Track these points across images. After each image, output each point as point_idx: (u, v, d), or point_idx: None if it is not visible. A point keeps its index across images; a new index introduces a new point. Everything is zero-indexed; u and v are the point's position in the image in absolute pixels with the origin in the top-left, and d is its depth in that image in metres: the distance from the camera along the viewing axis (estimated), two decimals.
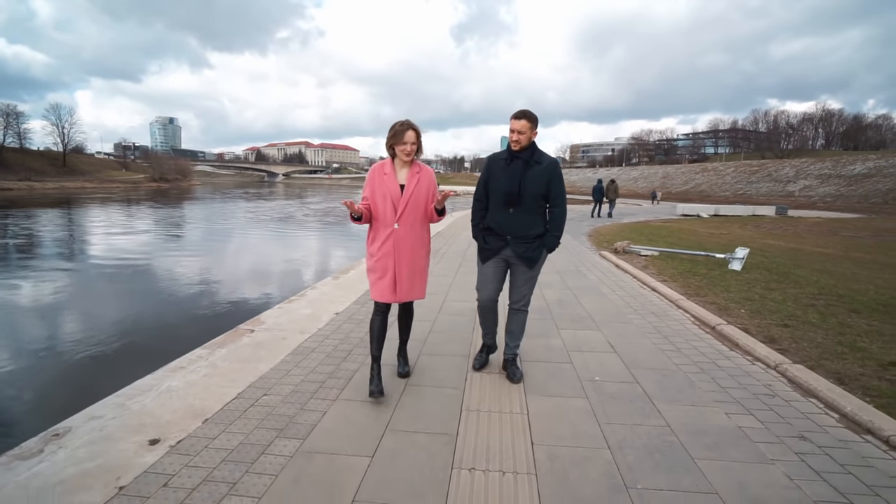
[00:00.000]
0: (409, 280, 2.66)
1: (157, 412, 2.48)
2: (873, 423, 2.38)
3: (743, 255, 6.79)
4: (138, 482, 1.90)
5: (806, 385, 2.87)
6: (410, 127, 2.54)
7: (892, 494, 1.88)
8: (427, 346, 3.51)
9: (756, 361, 3.34)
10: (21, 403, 4.18)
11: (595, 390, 2.82)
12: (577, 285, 5.75)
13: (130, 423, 2.37)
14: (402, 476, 1.98)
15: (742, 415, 2.54)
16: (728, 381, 2.99)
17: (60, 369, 4.76)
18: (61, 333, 5.89)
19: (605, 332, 3.93)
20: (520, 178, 2.65)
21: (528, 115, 2.64)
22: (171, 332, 5.87)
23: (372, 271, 2.67)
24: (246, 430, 2.31)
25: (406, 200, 2.58)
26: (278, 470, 2.00)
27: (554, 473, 2.00)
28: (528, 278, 2.83)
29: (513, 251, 2.76)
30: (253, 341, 3.61)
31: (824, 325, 3.99)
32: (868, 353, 3.32)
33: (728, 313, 4.45)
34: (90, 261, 11.05)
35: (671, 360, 3.34)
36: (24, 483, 1.89)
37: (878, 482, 1.97)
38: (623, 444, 2.24)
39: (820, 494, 1.88)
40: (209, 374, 3.00)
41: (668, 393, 2.80)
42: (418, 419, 2.45)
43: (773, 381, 3.01)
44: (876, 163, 44.31)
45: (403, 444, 2.22)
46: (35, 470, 1.97)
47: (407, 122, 2.56)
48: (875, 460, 2.13)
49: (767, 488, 1.92)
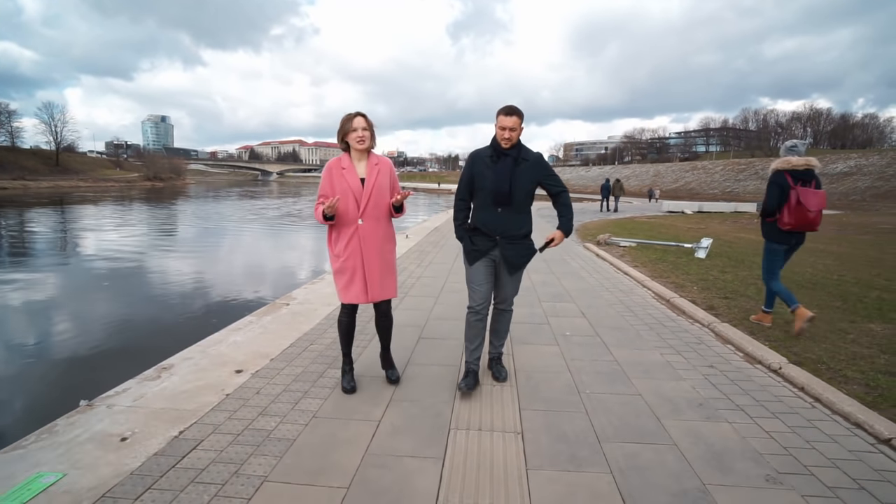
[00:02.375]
0: (380, 278, 2.58)
1: (232, 355, 3.29)
2: (765, 358, 3.24)
3: (707, 245, 7.69)
4: (238, 392, 2.71)
5: (725, 336, 3.74)
6: (359, 114, 2.51)
7: (756, 394, 2.74)
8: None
9: (695, 322, 4.21)
10: (106, 358, 4.93)
11: (565, 341, 3.67)
12: (560, 270, 6.60)
13: (215, 361, 3.18)
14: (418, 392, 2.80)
15: (672, 354, 3.40)
16: (669, 335, 3.85)
17: (135, 335, 5.56)
18: (133, 311, 6.64)
19: (578, 304, 4.78)
20: (510, 177, 2.52)
21: (518, 112, 2.53)
22: (219, 306, 6.66)
23: (340, 273, 2.57)
24: (303, 364, 3.12)
25: (368, 194, 2.50)
26: (334, 385, 2.81)
27: (529, 386, 2.84)
28: (514, 278, 2.75)
29: (501, 254, 2.63)
30: (290, 311, 4.42)
31: (756, 297, 4.86)
32: (780, 314, 4.20)
33: (683, 290, 5.32)
34: (124, 256, 11.74)
35: (628, 321, 4.20)
36: (158, 393, 2.69)
37: (752, 389, 2.82)
38: (581, 370, 3.08)
39: (707, 395, 2.74)
40: (262, 332, 3.80)
41: (620, 342, 3.65)
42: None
43: (703, 335, 3.87)
44: (857, 161, 45.75)
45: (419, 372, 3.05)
46: (162, 386, 2.78)
47: (357, 111, 2.54)
48: (758, 378, 2.99)
49: (675, 392, 2.77)
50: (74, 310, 6.91)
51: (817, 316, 3.92)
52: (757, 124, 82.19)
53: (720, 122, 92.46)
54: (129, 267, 9.93)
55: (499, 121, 2.54)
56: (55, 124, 66.01)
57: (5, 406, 4.08)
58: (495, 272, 2.72)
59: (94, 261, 10.69)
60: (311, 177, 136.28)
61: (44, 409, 3.34)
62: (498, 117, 2.55)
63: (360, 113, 2.53)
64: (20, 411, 4.02)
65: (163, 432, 2.26)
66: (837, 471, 2.02)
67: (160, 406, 2.53)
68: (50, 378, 4.54)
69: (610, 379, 2.96)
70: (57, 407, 2.67)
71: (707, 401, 2.67)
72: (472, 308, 2.74)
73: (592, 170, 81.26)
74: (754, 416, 2.50)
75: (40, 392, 4.28)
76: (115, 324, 6.11)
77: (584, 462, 2.07)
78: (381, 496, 1.83)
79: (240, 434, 2.25)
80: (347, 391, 2.69)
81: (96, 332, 5.77)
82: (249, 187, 69.73)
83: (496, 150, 2.59)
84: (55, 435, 2.24)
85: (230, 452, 2.10)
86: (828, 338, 3.62)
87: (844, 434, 2.32)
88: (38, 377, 4.57)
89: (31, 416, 3.52)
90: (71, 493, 1.81)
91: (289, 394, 2.69)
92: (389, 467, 2.01)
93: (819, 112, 78.87)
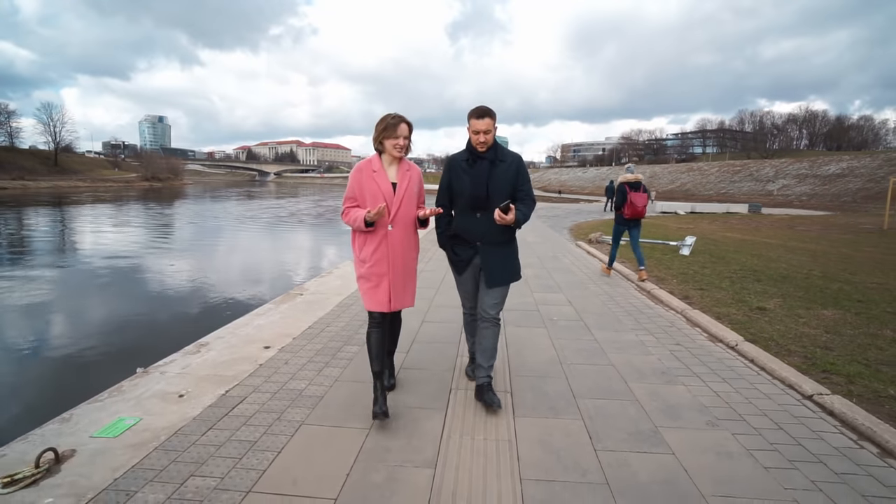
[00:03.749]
0: (403, 287, 2.49)
1: (258, 335, 3.74)
2: (725, 337, 3.72)
3: (691, 243, 8.19)
4: (268, 362, 3.16)
5: (694, 320, 4.22)
6: (403, 120, 2.38)
7: (712, 365, 3.21)
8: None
9: (670, 310, 4.69)
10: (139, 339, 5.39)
11: (552, 325, 4.13)
12: (552, 266, 7.08)
13: (245, 339, 3.63)
14: (427, 356, 3.26)
15: (645, 335, 3.87)
16: (645, 320, 4.32)
17: (165, 320, 6.03)
18: (161, 302, 7.07)
19: (566, 294, 5.25)
20: (486, 180, 2.44)
21: (491, 113, 2.43)
22: (241, 295, 7.10)
23: (365, 279, 2.45)
24: (322, 342, 3.58)
25: (400, 200, 2.40)
26: (351, 357, 3.27)
27: (519, 359, 3.30)
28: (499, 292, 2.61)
29: (482, 261, 2.54)
30: (304, 300, 4.87)
31: (730, 289, 5.35)
32: (747, 303, 4.69)
33: (663, 283, 5.80)
34: (146, 252, 12.15)
35: (610, 309, 4.67)
36: (201, 363, 3.14)
37: (709, 361, 3.29)
38: (564, 347, 3.55)
39: (670, 366, 3.21)
40: (283, 317, 4.26)
41: (601, 325, 4.12)
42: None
43: (676, 320, 4.34)
44: (849, 163, 46.43)
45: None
46: (203, 358, 3.23)
47: (399, 115, 2.40)
48: (717, 353, 3.46)
49: (643, 363, 3.24)
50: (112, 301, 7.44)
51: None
52: (753, 126, 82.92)
53: (717, 124, 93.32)
54: (156, 264, 10.37)
55: (471, 124, 2.44)
56: (53, 124, 66.22)
57: (72, 369, 4.88)
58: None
59: (118, 259, 11.11)
60: (308, 177, 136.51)
61: (104, 375, 3.77)
62: (470, 121, 2.45)
63: (405, 119, 2.39)
64: (84, 374, 4.73)
65: (212, 391, 2.71)
66: (765, 418, 2.49)
67: (205, 373, 2.98)
68: (105, 351, 5.33)
69: (588, 354, 3.43)
70: (114, 374, 3.11)
71: (669, 369, 3.14)
72: (467, 310, 2.83)
73: (589, 171, 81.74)
74: (707, 380, 2.97)
75: (100, 361, 5.07)
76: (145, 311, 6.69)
77: (561, 411, 2.54)
78: (399, 431, 2.29)
79: (276, 393, 2.70)
80: (378, 416, 2.32)
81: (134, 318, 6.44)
82: (248, 188, 70.05)
83: (472, 153, 2.50)
84: (123, 393, 2.69)
85: (270, 405, 2.55)
86: (783, 321, 4.10)
87: (778, 393, 2.80)
88: (96, 350, 5.38)
89: (94, 379, 3.99)
90: (150, 430, 2.26)
91: (313, 364, 3.14)
92: (401, 414, 2.47)
93: (814, 114, 79.78)
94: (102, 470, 1.95)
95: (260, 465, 2.00)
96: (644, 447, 2.20)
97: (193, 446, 2.14)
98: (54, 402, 2.97)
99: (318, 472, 1.96)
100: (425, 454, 2.12)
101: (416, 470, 2.00)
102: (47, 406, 2.91)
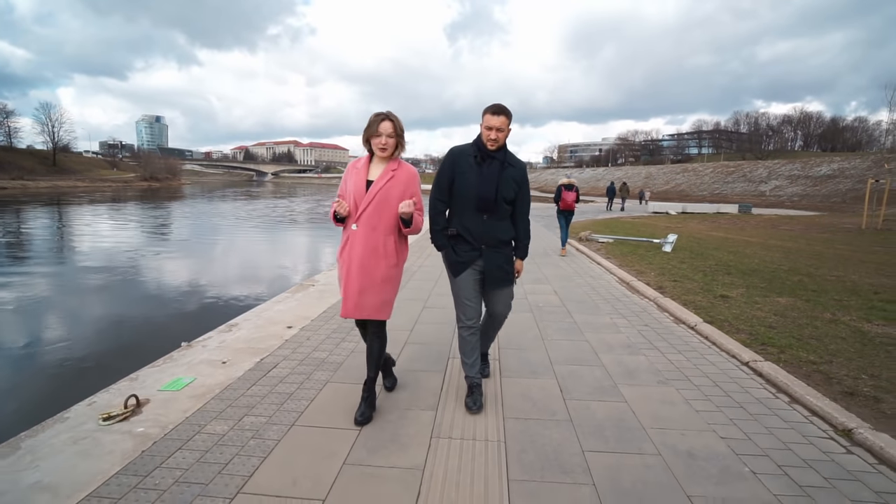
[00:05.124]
0: (357, 293, 2.31)
1: (280, 317, 4.27)
2: (687, 319, 4.27)
3: (672, 240, 8.76)
4: (292, 338, 3.69)
5: (664, 306, 4.78)
6: (387, 118, 2.28)
7: (671, 341, 3.76)
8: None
9: (644, 298, 5.25)
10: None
11: (538, 310, 4.68)
12: (543, 261, 7.63)
13: (269, 321, 4.16)
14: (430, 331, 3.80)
15: (619, 318, 4.42)
16: (621, 307, 4.87)
17: (188, 308, 6.55)
18: (188, 289, 7.59)
19: (553, 285, 5.81)
20: (497, 182, 2.40)
21: (506, 112, 2.38)
22: (263, 283, 7.64)
23: (339, 280, 2.43)
24: (337, 323, 4.11)
25: (369, 199, 2.28)
26: None
27: (506, 337, 3.83)
28: (506, 293, 2.67)
29: (486, 267, 2.51)
30: (316, 290, 5.40)
31: (701, 280, 5.91)
32: (713, 292, 5.24)
33: (642, 276, 6.35)
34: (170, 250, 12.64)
35: (591, 297, 5.22)
36: (235, 339, 3.67)
37: (670, 338, 3.85)
38: (547, 327, 4.09)
39: (636, 342, 3.76)
40: (298, 303, 4.79)
41: (581, 311, 4.67)
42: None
43: (648, 306, 4.90)
44: (840, 164, 47.26)
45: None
46: (236, 335, 3.76)
47: (385, 112, 2.30)
48: (678, 332, 4.01)
49: (613, 340, 3.79)
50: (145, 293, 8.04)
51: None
52: (748, 127, 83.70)
53: (713, 125, 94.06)
54: (173, 260, 10.89)
55: (485, 120, 2.39)
56: (52, 124, 66.30)
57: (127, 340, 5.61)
58: (484, 283, 2.56)
59: (141, 257, 11.60)
60: (305, 177, 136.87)
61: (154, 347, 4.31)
62: (484, 116, 2.40)
63: (389, 117, 2.29)
64: (135, 347, 5.32)
65: (248, 360, 3.24)
66: (707, 379, 3.04)
67: (240, 346, 3.51)
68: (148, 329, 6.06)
69: (567, 333, 3.98)
70: (162, 347, 3.64)
71: (634, 344, 3.69)
72: (463, 324, 2.57)
73: (586, 171, 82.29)
74: (665, 352, 3.52)
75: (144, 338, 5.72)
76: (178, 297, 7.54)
77: (539, 374, 3.08)
78: (407, 386, 2.83)
79: (302, 360, 3.23)
80: (358, 422, 2.36)
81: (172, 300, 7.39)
82: (247, 188, 70.43)
83: (481, 151, 2.43)
84: (175, 360, 3.22)
85: (299, 369, 3.08)
86: (740, 307, 4.66)
87: (722, 361, 3.35)
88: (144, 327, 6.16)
89: (144, 351, 4.56)
90: (205, 386, 2.79)
91: (330, 339, 3.68)
92: (408, 381, 3.01)
93: (809, 115, 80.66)
94: (175, 411, 2.48)
95: (298, 409, 2.54)
96: (604, 398, 2.75)
97: (243, 396, 2.67)
98: (119, 366, 3.51)
99: (343, 414, 2.49)
100: (430, 400, 2.66)
101: (422, 412, 2.54)
102: (113, 369, 3.45)
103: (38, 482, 1.90)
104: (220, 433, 2.28)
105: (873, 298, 4.98)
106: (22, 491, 1.85)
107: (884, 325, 4.01)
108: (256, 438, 2.24)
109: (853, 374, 2.99)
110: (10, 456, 2.09)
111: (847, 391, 2.75)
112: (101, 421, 2.34)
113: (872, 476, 2.04)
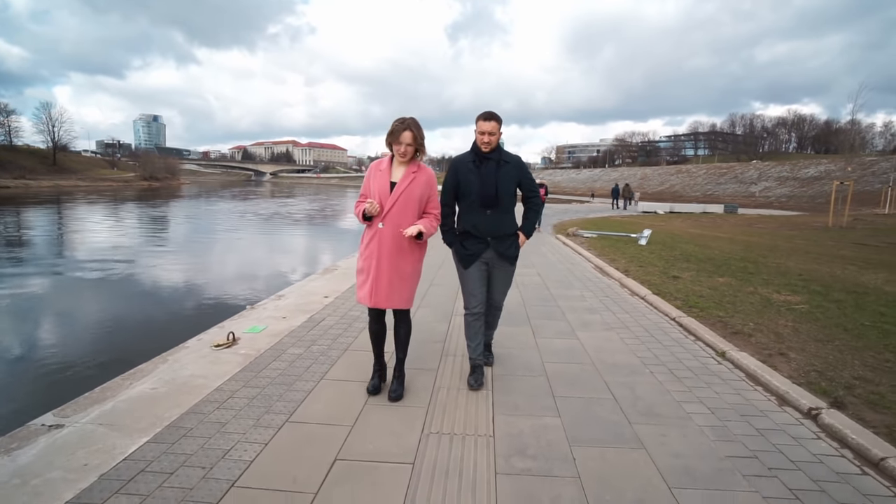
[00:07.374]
0: (387, 286, 2.56)
1: (317, 290, 5.34)
2: (639, 292, 5.37)
3: (647, 235, 9.88)
4: (330, 304, 4.76)
5: (626, 284, 5.89)
6: (408, 128, 2.48)
7: (624, 306, 4.86)
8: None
9: (611, 279, 6.35)
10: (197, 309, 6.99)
11: (522, 287, 5.76)
12: (531, 251, 8.72)
13: (309, 293, 5.23)
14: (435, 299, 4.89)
15: (587, 292, 5.52)
16: (591, 286, 5.97)
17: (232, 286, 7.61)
18: (210, 282, 8.65)
19: (537, 270, 6.91)
20: (495, 180, 2.69)
21: (496, 117, 2.68)
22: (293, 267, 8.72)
23: (358, 272, 2.67)
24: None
25: (394, 199, 2.52)
26: None
27: None
28: (507, 278, 2.99)
29: (494, 251, 2.80)
30: (340, 272, 6.48)
31: (662, 266, 7.01)
32: (668, 274, 6.35)
33: (615, 263, 7.45)
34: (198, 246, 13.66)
35: (567, 278, 6.32)
36: (285, 305, 4.75)
37: (623, 304, 4.94)
38: (528, 301, 5.17)
39: (595, 307, 4.85)
40: (328, 281, 5.87)
41: (557, 287, 5.76)
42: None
43: (613, 284, 6.00)
44: (826, 166, 48.64)
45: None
46: (286, 302, 4.83)
47: (408, 121, 2.51)
48: (632, 301, 5.11)
49: (579, 305, 4.88)
50: (210, 272, 9.19)
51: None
52: (744, 129, 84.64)
53: (709, 126, 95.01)
54: (232, 252, 11.96)
55: (478, 126, 2.70)
56: (52, 123, 66.75)
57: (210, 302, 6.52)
58: (488, 274, 2.88)
59: (181, 253, 12.64)
60: (304, 177, 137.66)
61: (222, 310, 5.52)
62: (477, 123, 2.71)
63: (410, 127, 2.49)
64: (214, 306, 6.82)
65: (300, 317, 4.31)
66: (641, 328, 4.13)
67: (291, 309, 4.58)
68: (220, 296, 7.53)
69: (543, 301, 5.07)
70: (231, 309, 4.70)
71: (594, 308, 4.80)
72: (470, 311, 2.92)
73: (583, 172, 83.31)
74: (616, 312, 4.62)
75: (219, 301, 6.86)
76: (231, 277, 8.55)
77: (518, 325, 4.18)
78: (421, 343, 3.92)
79: (341, 317, 4.31)
80: (370, 392, 2.75)
81: (227, 282, 8.53)
82: (246, 188, 71.30)
83: (478, 154, 2.74)
84: (245, 316, 4.29)
85: (341, 322, 4.15)
86: (686, 284, 5.76)
87: (657, 318, 4.45)
88: (216, 295, 7.01)
89: (220, 310, 5.83)
90: (273, 332, 3.86)
91: (360, 306, 4.74)
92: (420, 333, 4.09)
93: (803, 117, 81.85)
94: (260, 343, 3.56)
95: (347, 343, 3.62)
96: (563, 339, 3.85)
97: (307, 334, 3.76)
98: (208, 319, 4.63)
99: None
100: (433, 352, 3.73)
101: (421, 372, 3.62)
102: (206, 319, 4.60)
103: (193, 374, 2.97)
104: (298, 354, 3.36)
105: (795, 279, 6.10)
106: (184, 378, 2.92)
107: (788, 295, 5.12)
108: (323, 356, 3.32)
109: (743, 322, 4.10)
110: (164, 363, 3.16)
111: (733, 332, 3.86)
112: (214, 347, 3.41)
113: (728, 374, 3.14)
